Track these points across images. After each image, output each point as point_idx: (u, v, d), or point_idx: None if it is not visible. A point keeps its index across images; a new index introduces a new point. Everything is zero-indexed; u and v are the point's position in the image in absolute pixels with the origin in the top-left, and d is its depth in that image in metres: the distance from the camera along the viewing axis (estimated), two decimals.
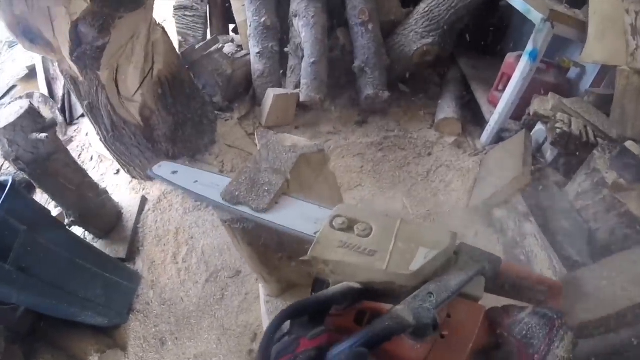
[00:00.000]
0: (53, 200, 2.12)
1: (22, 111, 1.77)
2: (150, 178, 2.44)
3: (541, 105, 1.95)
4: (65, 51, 1.84)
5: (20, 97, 2.71)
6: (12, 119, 1.76)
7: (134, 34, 1.90)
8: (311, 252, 0.80)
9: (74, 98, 2.96)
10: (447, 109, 2.40)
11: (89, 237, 2.25)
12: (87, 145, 2.77)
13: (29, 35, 1.80)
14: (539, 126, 2.00)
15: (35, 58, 3.03)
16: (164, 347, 1.97)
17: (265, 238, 1.23)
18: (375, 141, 2.46)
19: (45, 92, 2.86)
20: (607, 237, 1.62)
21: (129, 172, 2.41)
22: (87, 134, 2.83)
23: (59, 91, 2.89)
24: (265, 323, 1.57)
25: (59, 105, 2.83)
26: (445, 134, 2.42)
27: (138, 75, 2.01)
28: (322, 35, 2.41)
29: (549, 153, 1.92)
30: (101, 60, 1.85)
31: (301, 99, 2.45)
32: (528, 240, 1.76)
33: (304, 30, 2.40)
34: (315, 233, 0.86)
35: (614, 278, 1.46)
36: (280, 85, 2.58)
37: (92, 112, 2.08)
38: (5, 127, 1.74)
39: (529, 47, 1.90)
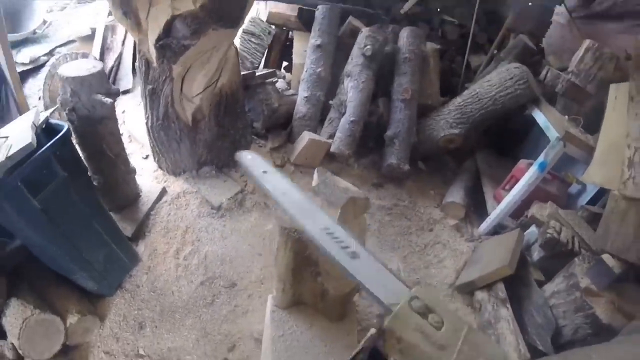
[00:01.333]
0: (86, 160, 2.24)
1: (94, 70, 1.95)
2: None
3: (539, 210, 2.22)
4: (152, 36, 2.07)
5: (76, 54, 2.97)
6: (83, 73, 1.92)
7: (216, 46, 2.16)
8: (389, 322, 0.88)
9: (121, 72, 3.23)
10: (455, 194, 2.67)
11: None
12: (120, 121, 2.96)
13: (125, 7, 2.03)
14: (533, 228, 2.26)
15: (98, 23, 3.27)
16: (141, 332, 2.04)
17: (310, 251, 1.47)
18: (386, 205, 2.70)
19: (98, 57, 3.09)
20: (571, 335, 1.83)
21: (158, 161, 2.58)
22: (123, 111, 3.03)
23: (110, 62, 3.12)
24: (267, 330, 1.77)
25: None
26: (448, 215, 2.68)
27: (204, 82, 2.26)
28: (366, 100, 2.74)
29: (536, 253, 2.16)
30: (180, 57, 2.09)
31: (332, 149, 2.73)
32: (501, 323, 1.93)
33: (352, 91, 2.73)
34: (390, 304, 0.93)
35: None
36: (316, 131, 2.86)
37: (152, 97, 2.29)
38: (74, 78, 1.90)
39: (540, 158, 2.22)
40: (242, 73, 2.62)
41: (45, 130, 1.75)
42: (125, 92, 3.10)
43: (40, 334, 1.68)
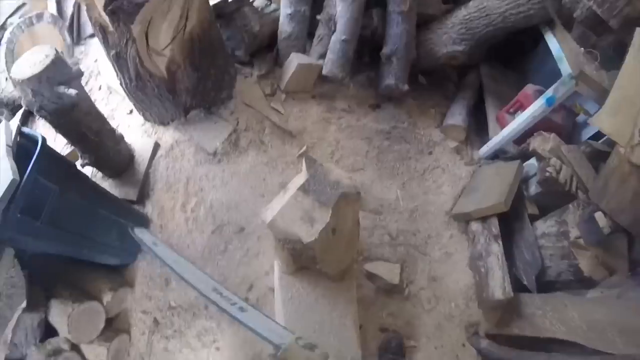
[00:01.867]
0: (71, 144, 2.22)
1: (47, 61, 1.77)
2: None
3: (541, 144, 2.16)
4: (99, 3, 1.84)
5: (30, 18, 2.65)
6: (37, 69, 1.75)
7: None
8: (282, 354, 1.13)
9: (83, 17, 2.88)
10: (457, 115, 2.56)
11: (98, 175, 2.42)
12: (95, 72, 2.76)
13: None
14: (533, 161, 2.24)
15: None
16: (168, 286, 2.27)
17: (306, 256, 1.63)
18: (385, 129, 2.62)
19: (54, 10, 2.73)
20: (554, 276, 2.00)
21: (143, 115, 2.49)
22: (96, 60, 2.80)
23: (69, 9, 2.78)
24: (278, 294, 2.00)
25: (67, 24, 2.77)
26: (449, 137, 2.62)
27: (171, 32, 2.01)
28: (358, 14, 2.41)
29: (533, 187, 2.19)
30: (136, 17, 1.85)
31: (323, 72, 2.52)
32: (491, 258, 2.09)
33: (341, 4, 2.38)
34: (280, 343, 1.18)
35: (547, 312, 1.89)
36: (304, 51, 2.61)
37: (118, 62, 2.10)
38: (29, 79, 1.75)
39: (549, 92, 2.06)
40: (212, 3, 2.28)
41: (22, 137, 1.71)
42: (93, 35, 2.75)
43: (85, 321, 1.93)
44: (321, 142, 2.62)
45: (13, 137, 1.67)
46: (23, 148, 1.69)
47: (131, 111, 2.56)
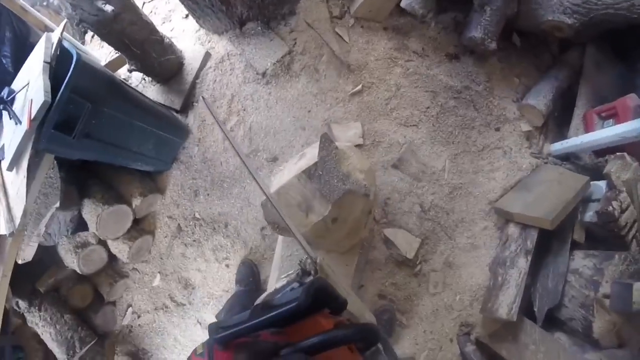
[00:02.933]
0: (117, 51, 2.34)
1: None
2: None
3: (618, 170, 1.92)
4: None
5: None
6: None
7: None
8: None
9: None
10: (541, 97, 2.27)
11: (147, 79, 2.58)
12: None
13: None
14: (603, 183, 2.01)
15: None
16: (196, 198, 2.56)
17: None
18: (455, 86, 2.41)
19: None
20: (565, 318, 1.98)
21: (198, 22, 2.51)
22: None
23: None
24: (278, 248, 2.20)
25: None
26: (524, 118, 2.37)
27: None
28: None
29: (590, 214, 2.01)
30: None
31: (402, 4, 2.32)
32: (513, 271, 2.08)
33: None
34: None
35: (539, 351, 1.95)
36: None
37: None
38: None
39: None
40: None
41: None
42: None
43: (112, 220, 2.31)
44: (380, 83, 2.50)
45: (52, 51, 1.83)
46: (63, 61, 1.83)
47: (187, 15, 2.58)
